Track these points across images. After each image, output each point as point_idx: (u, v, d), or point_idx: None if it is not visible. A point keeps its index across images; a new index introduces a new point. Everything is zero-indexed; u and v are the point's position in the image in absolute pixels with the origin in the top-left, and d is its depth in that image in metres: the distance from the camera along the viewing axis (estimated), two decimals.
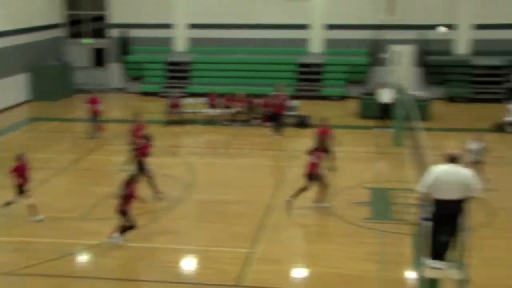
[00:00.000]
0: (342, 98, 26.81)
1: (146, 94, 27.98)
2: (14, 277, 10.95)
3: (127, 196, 11.96)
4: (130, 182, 12.11)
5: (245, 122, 22.40)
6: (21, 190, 13.30)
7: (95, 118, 20.39)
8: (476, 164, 14.38)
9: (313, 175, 13.68)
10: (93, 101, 20.37)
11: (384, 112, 21.20)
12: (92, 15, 29.93)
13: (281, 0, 27.69)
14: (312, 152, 13.77)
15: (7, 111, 25.00)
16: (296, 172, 16.59)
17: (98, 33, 29.83)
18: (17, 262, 11.49)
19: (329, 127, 16.60)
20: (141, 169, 14.42)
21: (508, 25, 26.15)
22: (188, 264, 11.70)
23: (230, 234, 12.58)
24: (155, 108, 23.37)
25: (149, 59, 28.85)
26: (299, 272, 11.26)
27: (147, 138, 14.89)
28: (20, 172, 13.24)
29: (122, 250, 11.95)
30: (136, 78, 28.82)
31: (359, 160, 17.98)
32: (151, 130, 17.83)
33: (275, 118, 21.03)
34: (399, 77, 26.09)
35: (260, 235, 12.50)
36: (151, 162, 14.88)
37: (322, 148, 14.17)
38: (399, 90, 19.83)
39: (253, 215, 13.47)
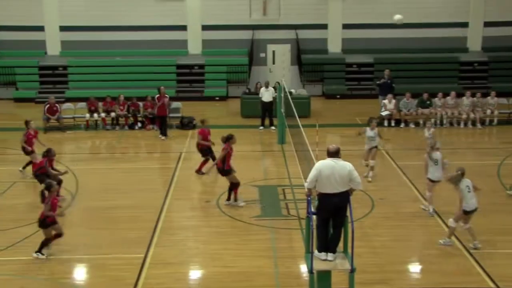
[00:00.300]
0: (224, 98, 27.15)
1: (20, 100, 26.67)
2: None
3: (52, 206, 11.49)
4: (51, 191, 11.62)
5: (128, 126, 22.05)
6: None
7: None
8: (371, 150, 15.82)
9: (224, 171, 13.98)
10: None
11: (266, 111, 21.75)
12: None
13: (156, 1, 27.46)
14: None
15: None
16: (183, 174, 16.69)
17: None
18: None
19: (208, 128, 16.78)
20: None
21: (373, 25, 27.69)
22: (80, 274, 11.36)
23: (122, 240, 12.36)
24: (31, 115, 22.21)
25: (21, 63, 27.53)
26: (193, 274, 11.30)
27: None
28: None
29: (3, 265, 11.38)
30: (8, 84, 27.36)
31: (245, 159, 18.25)
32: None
33: (159, 120, 20.89)
34: (278, 76, 26.98)
35: (153, 239, 12.39)
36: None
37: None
38: (279, 88, 20.42)
39: (145, 220, 13.33)
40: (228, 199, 14.24)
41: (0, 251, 11.91)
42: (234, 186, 14.22)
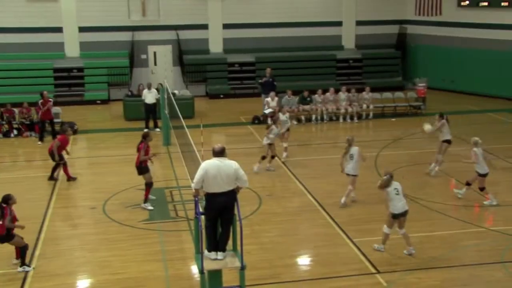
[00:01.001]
0: (106, 101, 26.49)
1: None
2: None
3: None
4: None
5: (3, 134, 20.92)
6: None
7: None
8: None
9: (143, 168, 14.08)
10: None
11: (150, 113, 21.48)
12: None
13: (27, 1, 26.23)
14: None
15: None
16: (66, 181, 16.10)
17: None
18: None
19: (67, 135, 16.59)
20: None
21: (253, 24, 28.20)
22: None
23: (2, 253, 11.70)
24: None
25: None
26: (81, 284, 10.95)
27: None
28: None
29: None
30: None
31: (129, 163, 17.92)
32: None
33: (41, 125, 20.08)
34: (160, 77, 26.72)
35: (35, 251, 11.85)
36: None
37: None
38: (162, 90, 20.24)
39: (26, 232, 12.66)
40: None
41: None
42: (148, 186, 14.08)
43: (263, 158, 16.57)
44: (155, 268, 11.19)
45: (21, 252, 11.19)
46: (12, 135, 20.96)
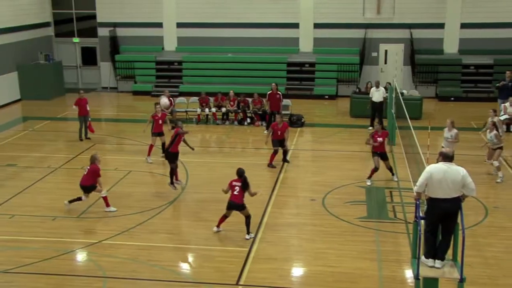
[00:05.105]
0: (333, 97, 26.96)
1: (138, 93, 27.95)
2: (12, 276, 10.94)
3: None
4: None
5: (238, 121, 22.46)
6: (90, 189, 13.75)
7: (84, 118, 20.23)
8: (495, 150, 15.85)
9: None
10: (81, 102, 20.22)
11: (376, 111, 21.32)
12: (82, 14, 29.79)
13: (271, 0, 27.75)
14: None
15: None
16: (290, 171, 16.77)
17: (88, 32, 29.70)
18: (15, 260, 11.48)
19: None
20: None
21: (494, 24, 26.40)
22: (187, 263, 11.73)
23: (227, 233, 12.60)
24: (147, 108, 23.35)
25: (139, 58, 28.75)
26: (296, 271, 11.32)
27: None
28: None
29: (118, 248, 11.98)
30: (127, 77, 28.76)
31: (352, 159, 18.10)
32: (144, 129, 17.96)
33: (270, 116, 21.11)
34: (389, 76, 26.41)
35: (257, 234, 12.54)
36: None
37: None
38: (390, 89, 19.97)
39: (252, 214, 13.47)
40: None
41: (116, 236, 12.56)
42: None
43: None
44: (368, 267, 11.13)
45: (248, 218, 12.29)
46: (245, 123, 22.40)
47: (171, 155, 15.05)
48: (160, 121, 17.66)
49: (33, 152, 18.83)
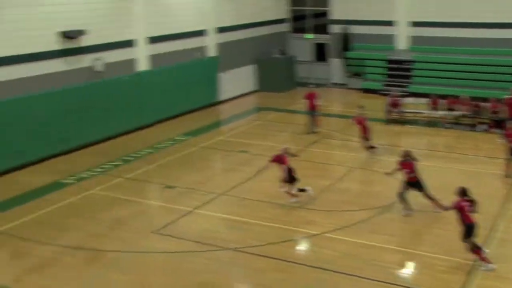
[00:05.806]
0: None
1: (367, 91, 27.94)
2: (238, 254, 11.73)
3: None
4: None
5: (470, 127, 21.23)
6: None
7: (313, 112, 20.85)
8: None
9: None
10: (311, 96, 20.82)
11: None
12: (315, 11, 30.66)
13: None
14: None
15: (238, 99, 27.01)
16: None
17: (320, 29, 30.49)
18: (242, 240, 12.27)
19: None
20: None
21: None
22: (405, 266, 11.41)
23: (449, 240, 11.96)
24: (375, 106, 23.22)
25: (370, 56, 28.73)
26: None
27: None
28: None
29: (339, 243, 12.10)
30: (357, 74, 28.92)
31: None
32: (371, 127, 17.91)
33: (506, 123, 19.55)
34: None
35: (489, 249, 11.69)
36: None
37: None
38: None
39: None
40: None
41: (336, 230, 12.71)
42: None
43: None
44: None
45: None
46: (478, 129, 21.06)
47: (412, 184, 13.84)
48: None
49: (263, 141, 19.87)
